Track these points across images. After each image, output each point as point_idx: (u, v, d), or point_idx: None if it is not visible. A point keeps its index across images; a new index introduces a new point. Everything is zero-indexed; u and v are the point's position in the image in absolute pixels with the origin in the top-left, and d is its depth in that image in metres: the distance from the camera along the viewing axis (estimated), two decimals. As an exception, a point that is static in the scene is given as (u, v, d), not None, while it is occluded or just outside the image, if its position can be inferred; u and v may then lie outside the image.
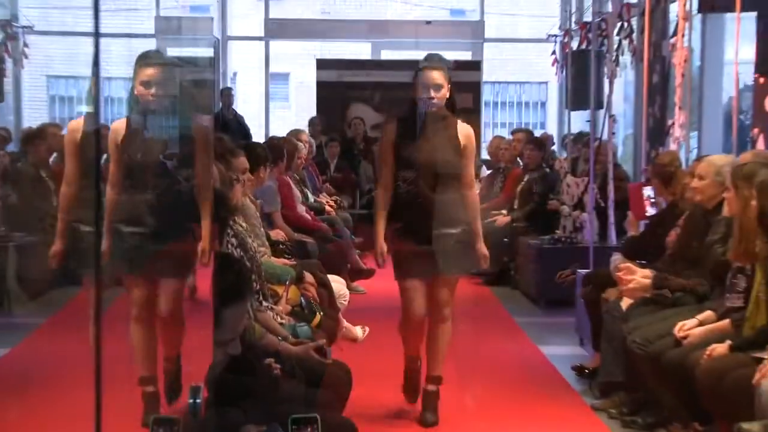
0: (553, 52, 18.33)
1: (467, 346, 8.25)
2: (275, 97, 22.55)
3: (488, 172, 15.43)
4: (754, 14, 8.73)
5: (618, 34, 13.34)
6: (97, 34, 2.25)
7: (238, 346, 5.04)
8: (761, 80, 9.98)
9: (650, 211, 9.37)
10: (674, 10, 12.11)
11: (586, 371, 8.33)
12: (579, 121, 17.25)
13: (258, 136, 17.41)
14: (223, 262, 5.62)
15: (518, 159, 14.53)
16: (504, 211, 13.26)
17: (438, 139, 7.03)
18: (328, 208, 13.13)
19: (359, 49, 21.96)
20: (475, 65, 19.27)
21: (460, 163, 7.07)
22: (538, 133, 17.60)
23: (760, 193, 5.84)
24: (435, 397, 7.19)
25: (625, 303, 7.47)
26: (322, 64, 19.40)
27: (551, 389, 8.22)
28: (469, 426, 7.12)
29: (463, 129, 7.09)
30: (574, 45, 16.42)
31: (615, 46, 13.04)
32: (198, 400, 3.49)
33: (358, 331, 9.03)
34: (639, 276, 7.45)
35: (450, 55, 21.25)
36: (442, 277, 7.09)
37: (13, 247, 10.26)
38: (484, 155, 16.63)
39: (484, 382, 8.08)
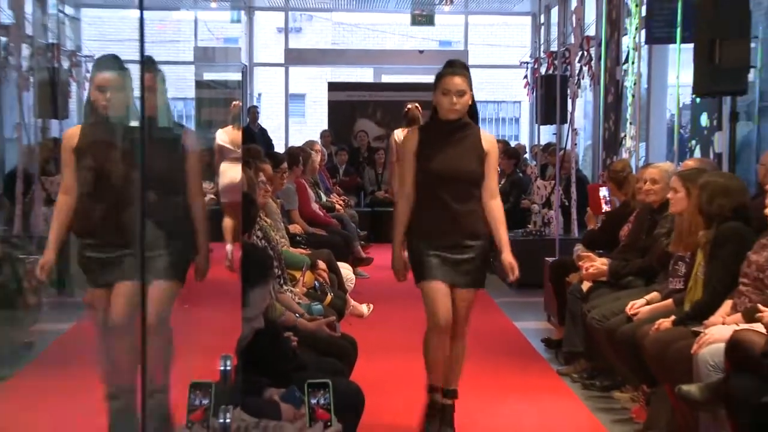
0: (525, 76, 18.29)
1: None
2: (293, 114, 22.54)
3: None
4: (691, 45, 8.72)
5: (579, 62, 13.33)
6: (142, 62, 2.23)
7: (261, 321, 5.02)
8: (697, 100, 9.98)
9: (606, 208, 9.36)
10: (626, 41, 12.10)
11: (553, 342, 8.34)
12: (547, 134, 17.26)
13: (279, 147, 17.40)
14: (250, 251, 5.58)
15: (496, 165, 14.54)
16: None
17: (462, 147, 5.83)
18: (337, 206, 13.11)
19: (363, 74, 21.98)
20: (460, 87, 19.19)
21: (485, 171, 5.88)
22: (512, 143, 17.58)
23: (701, 192, 5.86)
24: (450, 410, 6.03)
25: (585, 286, 7.48)
26: (333, 86, 19.40)
27: (524, 357, 8.23)
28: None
29: (486, 137, 5.94)
30: (543, 70, 16.39)
31: (577, 72, 13.03)
32: (228, 368, 3.48)
33: (364, 309, 9.01)
34: (597, 263, 7.47)
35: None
36: (461, 290, 5.91)
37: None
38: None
39: (468, 351, 8.06)
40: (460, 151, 5.83)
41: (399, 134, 13.01)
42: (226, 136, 12.71)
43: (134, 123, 5.19)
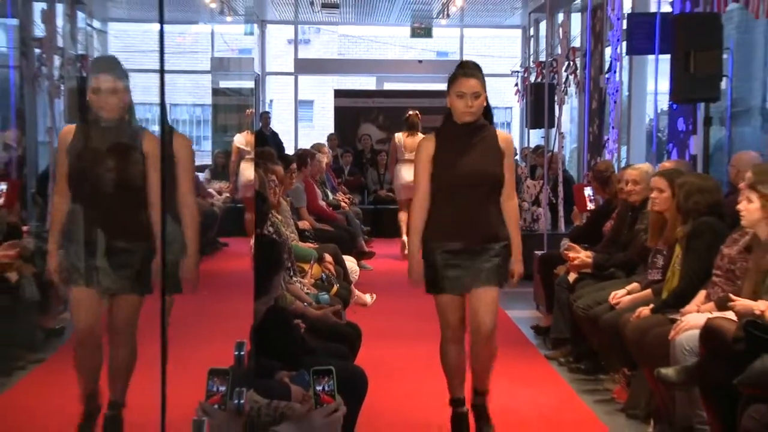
0: (516, 84, 18.28)
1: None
2: (302, 119, 22.53)
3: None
4: (668, 56, 8.74)
5: (565, 71, 13.34)
6: (162, 71, 2.22)
7: (272, 300, 5.00)
8: (674, 107, 9.98)
9: (590, 206, 9.36)
10: (608, 52, 12.10)
11: (541, 329, 8.33)
12: (536, 138, 17.24)
13: (289, 149, 17.39)
14: (262, 243, 5.56)
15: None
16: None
17: (480, 150, 5.23)
18: (342, 204, 13.11)
19: (367, 82, 21.96)
20: (456, 94, 19.20)
21: (503, 173, 5.29)
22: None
23: (679, 190, 5.86)
24: (483, 408, 5.51)
25: (572, 277, 7.47)
26: (339, 94, 19.38)
27: (514, 343, 8.20)
28: (440, 375, 7.07)
29: (503, 136, 5.34)
30: (532, 79, 16.37)
31: (563, 80, 13.03)
32: (242, 353, 3.47)
33: (367, 298, 9.01)
34: (582, 256, 7.46)
35: (436, 87, 21.27)
36: (484, 290, 5.27)
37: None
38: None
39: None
40: (479, 154, 5.24)
41: (399, 137, 13.27)
42: (243, 139, 12.84)
43: (131, 125, 4.85)
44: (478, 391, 5.53)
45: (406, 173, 13.37)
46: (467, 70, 5.28)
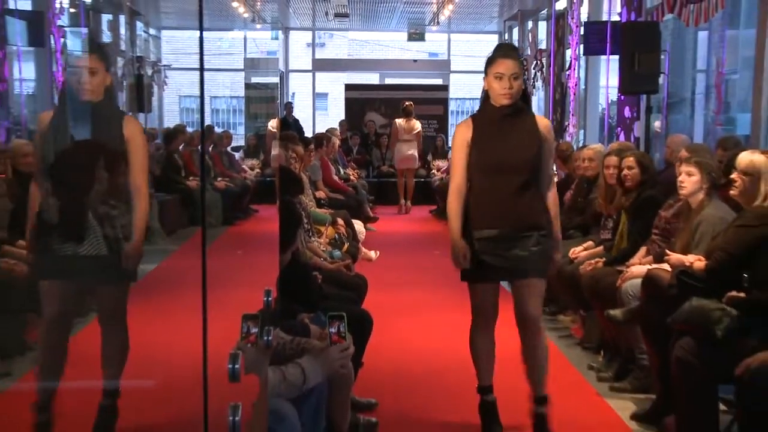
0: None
1: (435, 265, 8.21)
2: (319, 108, 22.47)
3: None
4: (617, 56, 8.72)
5: (534, 68, 13.27)
6: (201, 69, 2.21)
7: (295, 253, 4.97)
8: (622, 98, 9.94)
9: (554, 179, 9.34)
10: (569, 53, 12.04)
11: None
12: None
13: (308, 133, 17.36)
14: (285, 204, 5.52)
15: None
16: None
17: (519, 134, 4.17)
18: (352, 177, 13.09)
19: (371, 78, 21.86)
20: (444, 88, 19.19)
21: (541, 159, 4.20)
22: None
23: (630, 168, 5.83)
24: (544, 419, 4.34)
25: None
26: (349, 87, 19.29)
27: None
28: (431, 316, 7.08)
29: (542, 121, 4.27)
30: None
31: (532, 76, 12.97)
32: (270, 298, 3.47)
33: (372, 254, 9.00)
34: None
35: (428, 81, 21.11)
36: (529, 281, 4.26)
37: (156, 201, 10.17)
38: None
39: (444, 287, 8.06)
40: (517, 139, 4.18)
41: (399, 122, 13.93)
42: (276, 124, 12.99)
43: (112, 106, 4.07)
44: (537, 398, 4.37)
45: (404, 149, 13.73)
46: (506, 51, 4.21)
